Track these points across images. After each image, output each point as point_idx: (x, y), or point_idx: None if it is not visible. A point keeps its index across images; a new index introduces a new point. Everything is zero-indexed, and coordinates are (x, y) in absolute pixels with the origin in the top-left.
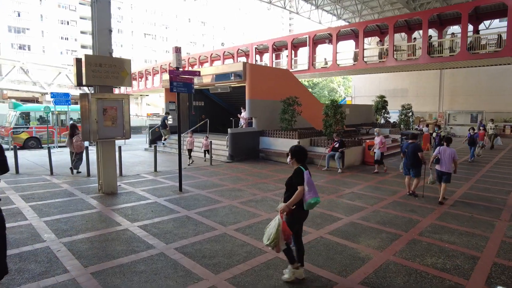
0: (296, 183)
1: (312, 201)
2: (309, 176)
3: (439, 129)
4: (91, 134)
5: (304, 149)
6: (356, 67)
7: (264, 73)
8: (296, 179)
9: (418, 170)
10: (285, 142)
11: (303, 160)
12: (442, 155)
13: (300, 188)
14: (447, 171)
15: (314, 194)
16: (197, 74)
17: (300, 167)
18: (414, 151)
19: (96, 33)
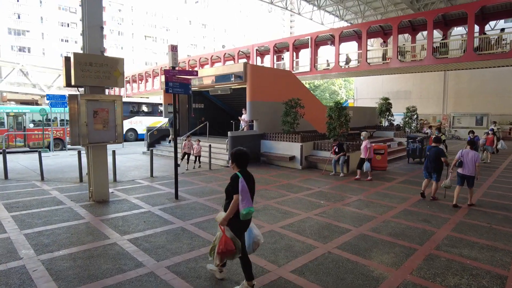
0: (232, 191)
1: (244, 211)
2: (244, 183)
3: (439, 132)
4: (80, 138)
5: (246, 153)
6: (359, 68)
7: (265, 74)
8: (231, 187)
9: (440, 175)
10: (287, 146)
11: (243, 164)
12: (465, 158)
13: (235, 197)
14: (470, 174)
15: (247, 203)
16: (195, 74)
17: (237, 173)
18: (437, 155)
19: (86, 30)
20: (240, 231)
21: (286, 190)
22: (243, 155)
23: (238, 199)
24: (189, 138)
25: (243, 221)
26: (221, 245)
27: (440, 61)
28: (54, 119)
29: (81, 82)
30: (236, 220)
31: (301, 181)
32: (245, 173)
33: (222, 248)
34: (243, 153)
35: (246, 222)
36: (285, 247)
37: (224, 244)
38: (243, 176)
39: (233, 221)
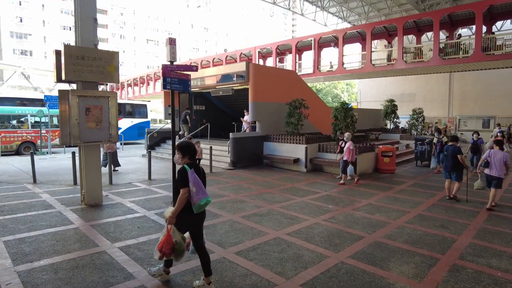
0: (179, 185)
1: (202, 202)
2: (196, 175)
3: (439, 134)
4: (71, 137)
5: (193, 145)
6: (363, 70)
7: (268, 74)
8: (179, 180)
9: (459, 174)
10: (291, 148)
11: (192, 157)
12: (493, 158)
13: (183, 191)
14: (497, 176)
15: (203, 194)
16: (194, 69)
17: (185, 166)
18: (454, 153)
19: (78, 22)
20: (193, 225)
21: (291, 193)
22: (192, 146)
23: (186, 192)
24: (192, 140)
25: (197, 214)
26: (163, 242)
27: (447, 62)
28: (25, 120)
29: (72, 77)
30: (189, 214)
31: (306, 185)
32: (194, 165)
33: (161, 246)
34: (191, 145)
35: (200, 215)
36: (293, 256)
37: (165, 242)
38: (193, 168)
39: (184, 216)
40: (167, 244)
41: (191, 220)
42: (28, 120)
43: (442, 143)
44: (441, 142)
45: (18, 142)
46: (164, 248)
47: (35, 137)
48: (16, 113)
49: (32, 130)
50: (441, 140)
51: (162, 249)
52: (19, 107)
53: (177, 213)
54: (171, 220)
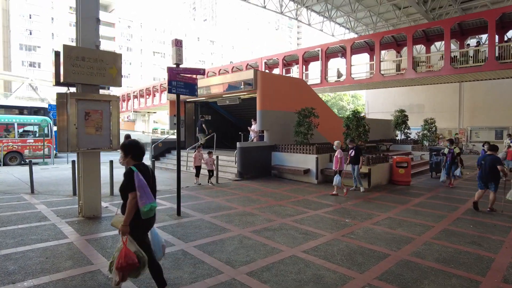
0: (127, 189)
1: (146, 208)
2: (141, 178)
3: (451, 145)
4: (68, 144)
5: (140, 144)
6: (372, 80)
7: (276, 82)
8: (126, 183)
9: (497, 185)
10: (301, 158)
11: (139, 157)
12: None
13: (131, 195)
14: None
15: (148, 199)
16: (201, 73)
17: (131, 167)
18: (493, 163)
19: (80, 21)
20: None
21: (304, 206)
22: (137, 145)
23: (135, 197)
24: (199, 149)
25: (145, 220)
26: (121, 258)
27: (459, 71)
28: (11, 129)
29: (71, 79)
30: (138, 220)
31: (319, 197)
32: (143, 167)
33: (122, 262)
34: (136, 144)
35: (149, 221)
36: (313, 278)
37: (124, 257)
38: (139, 170)
39: (134, 224)
40: (128, 256)
41: (143, 228)
42: (15, 129)
43: (454, 154)
44: (452, 154)
45: (3, 152)
46: (126, 260)
47: (22, 147)
48: (2, 121)
49: (19, 139)
50: (452, 151)
51: (124, 264)
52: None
53: (129, 221)
54: (124, 229)
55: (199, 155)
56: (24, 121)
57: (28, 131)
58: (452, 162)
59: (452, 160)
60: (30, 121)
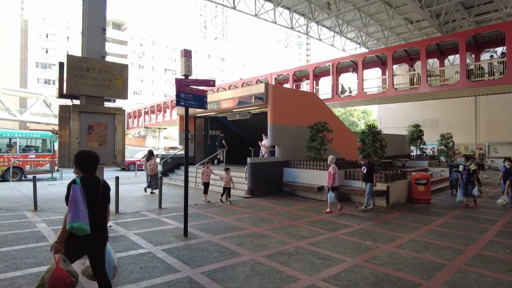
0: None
1: (75, 225)
2: (77, 192)
3: (466, 161)
4: (70, 158)
5: (92, 155)
6: (385, 94)
7: (288, 96)
8: (66, 196)
9: None
10: (314, 175)
11: (88, 168)
12: None
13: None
14: None
15: (75, 216)
16: (211, 84)
17: (75, 179)
18: None
19: (85, 31)
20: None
21: (320, 227)
22: (87, 156)
23: None
24: (208, 165)
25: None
26: (56, 280)
27: (475, 84)
28: (13, 144)
29: (75, 91)
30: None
31: (335, 216)
32: (90, 180)
33: (58, 284)
34: (84, 155)
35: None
36: None
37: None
38: (84, 183)
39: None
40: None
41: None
42: (16, 144)
43: (470, 171)
44: (468, 171)
45: (4, 168)
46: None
47: (23, 162)
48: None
49: (21, 154)
50: (468, 168)
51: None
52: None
53: (64, 237)
54: (58, 246)
55: (208, 171)
56: (27, 136)
57: (30, 147)
58: (468, 180)
59: (468, 178)
60: (32, 136)
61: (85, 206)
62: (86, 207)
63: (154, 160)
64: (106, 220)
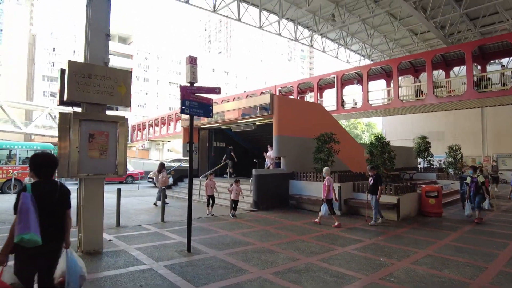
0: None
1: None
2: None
3: (474, 173)
4: (69, 167)
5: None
6: (391, 106)
7: (293, 107)
8: (14, 204)
9: None
10: (321, 187)
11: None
12: None
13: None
14: None
15: (25, 228)
16: (217, 91)
17: (26, 185)
18: None
19: (88, 36)
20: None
21: (330, 242)
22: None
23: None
24: (211, 177)
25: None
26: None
27: (483, 95)
28: (13, 156)
29: (76, 97)
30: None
31: (345, 231)
32: (43, 185)
33: None
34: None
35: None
36: None
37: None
38: (35, 190)
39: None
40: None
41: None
42: (16, 156)
43: (478, 183)
44: (476, 183)
45: (2, 180)
46: None
47: (22, 174)
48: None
49: (20, 166)
50: (476, 180)
51: None
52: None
53: (9, 249)
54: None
55: (212, 183)
56: (27, 147)
57: None
58: (476, 192)
59: (476, 190)
60: (33, 147)
61: (36, 215)
62: (37, 216)
63: (165, 172)
64: (65, 228)
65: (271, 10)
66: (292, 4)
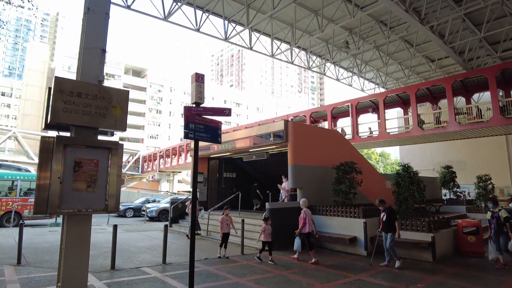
0: None
1: None
2: None
3: (494, 206)
4: (49, 202)
5: None
6: (410, 134)
7: (309, 134)
8: None
9: None
10: (344, 223)
11: None
12: None
13: None
14: None
15: None
16: (226, 113)
17: None
18: None
19: (82, 52)
20: None
21: None
22: None
23: None
24: (228, 211)
25: None
26: None
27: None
28: (14, 187)
29: (62, 119)
30: None
31: (375, 275)
32: None
33: None
34: None
35: None
36: None
37: None
38: None
39: None
40: None
41: None
42: (17, 187)
43: (499, 219)
44: (497, 218)
45: (0, 212)
46: None
47: (22, 206)
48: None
49: (20, 198)
50: (497, 215)
51: None
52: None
53: None
54: None
55: (228, 219)
56: (29, 178)
57: (33, 190)
58: (498, 231)
59: (497, 228)
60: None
61: None
62: None
63: None
64: None
65: (283, 39)
66: (304, 32)
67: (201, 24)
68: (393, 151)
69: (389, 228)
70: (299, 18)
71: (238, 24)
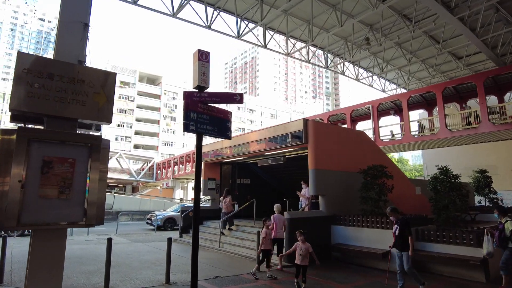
0: None
1: None
2: None
3: (501, 216)
4: (6, 213)
5: None
6: (437, 136)
7: (332, 134)
8: None
9: None
10: (375, 235)
11: None
12: None
13: None
14: None
15: None
16: (237, 99)
17: None
18: None
19: (60, 27)
20: None
21: None
22: None
23: None
24: (268, 223)
25: None
26: None
27: None
28: None
29: (24, 106)
30: None
31: None
32: None
33: None
34: None
35: None
36: None
37: None
38: None
39: None
40: None
41: None
42: None
43: (503, 231)
44: (500, 231)
45: None
46: None
47: None
48: None
49: None
50: (502, 226)
51: None
52: None
53: None
54: None
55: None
56: None
57: None
58: (500, 245)
59: (500, 242)
60: None
61: None
62: None
63: (229, 198)
64: None
65: (299, 37)
66: (321, 29)
67: (212, 21)
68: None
69: (403, 245)
70: (316, 13)
71: (251, 21)
